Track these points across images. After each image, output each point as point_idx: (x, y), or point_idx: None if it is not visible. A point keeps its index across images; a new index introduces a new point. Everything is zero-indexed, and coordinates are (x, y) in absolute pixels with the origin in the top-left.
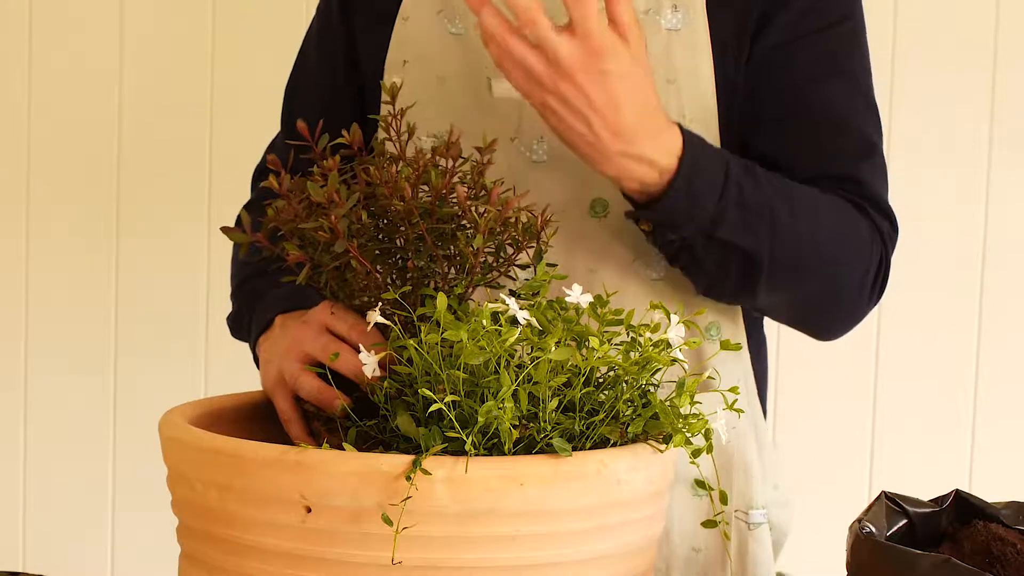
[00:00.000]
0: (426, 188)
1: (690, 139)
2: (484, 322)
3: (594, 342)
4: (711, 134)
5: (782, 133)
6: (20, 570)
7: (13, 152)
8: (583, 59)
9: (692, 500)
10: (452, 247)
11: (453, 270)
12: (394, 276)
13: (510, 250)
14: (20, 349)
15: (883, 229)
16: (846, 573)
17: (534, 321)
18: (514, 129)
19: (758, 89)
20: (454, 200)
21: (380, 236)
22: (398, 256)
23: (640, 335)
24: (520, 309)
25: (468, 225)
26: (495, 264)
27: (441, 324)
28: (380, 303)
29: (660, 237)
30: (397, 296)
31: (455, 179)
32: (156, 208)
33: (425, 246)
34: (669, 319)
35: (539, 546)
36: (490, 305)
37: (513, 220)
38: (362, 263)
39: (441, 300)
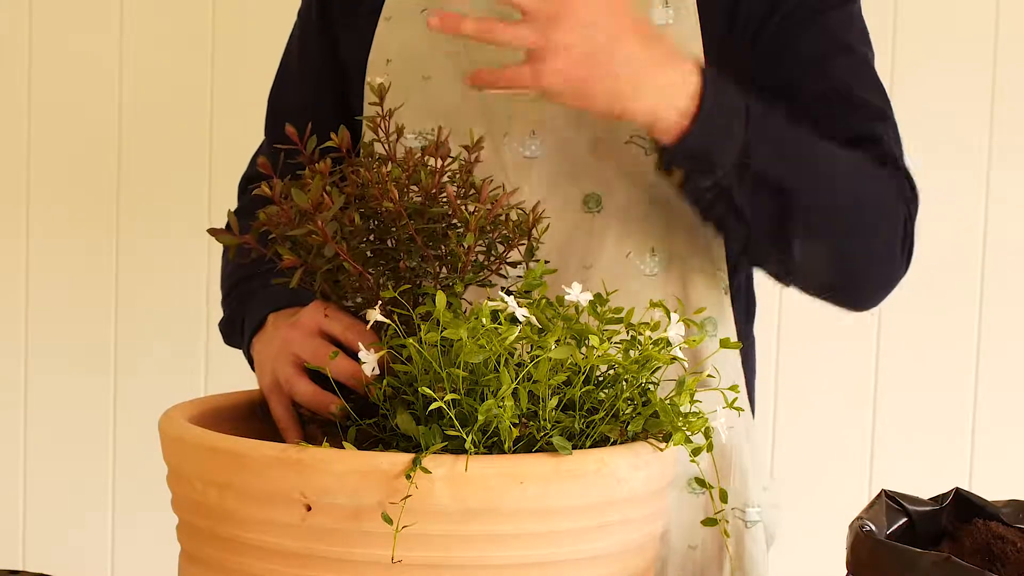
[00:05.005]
0: (416, 188)
1: (703, 65)
2: (484, 320)
3: (594, 340)
4: None
5: (792, 107)
6: (20, 569)
7: (13, 152)
8: (552, 6)
9: (689, 497)
10: (443, 247)
11: (445, 269)
12: (386, 277)
13: (501, 248)
14: (20, 349)
15: (904, 189)
16: (846, 572)
17: (534, 319)
18: (505, 125)
19: (763, 74)
20: (444, 200)
21: (372, 237)
22: (390, 257)
23: (640, 333)
24: (519, 307)
25: (459, 224)
26: (487, 262)
27: (441, 322)
28: (380, 302)
29: (693, 185)
30: (396, 295)
31: (444, 178)
32: (156, 208)
33: (416, 246)
34: (669, 317)
35: (539, 544)
36: (490, 303)
37: (503, 218)
38: (353, 266)
39: (440, 299)
